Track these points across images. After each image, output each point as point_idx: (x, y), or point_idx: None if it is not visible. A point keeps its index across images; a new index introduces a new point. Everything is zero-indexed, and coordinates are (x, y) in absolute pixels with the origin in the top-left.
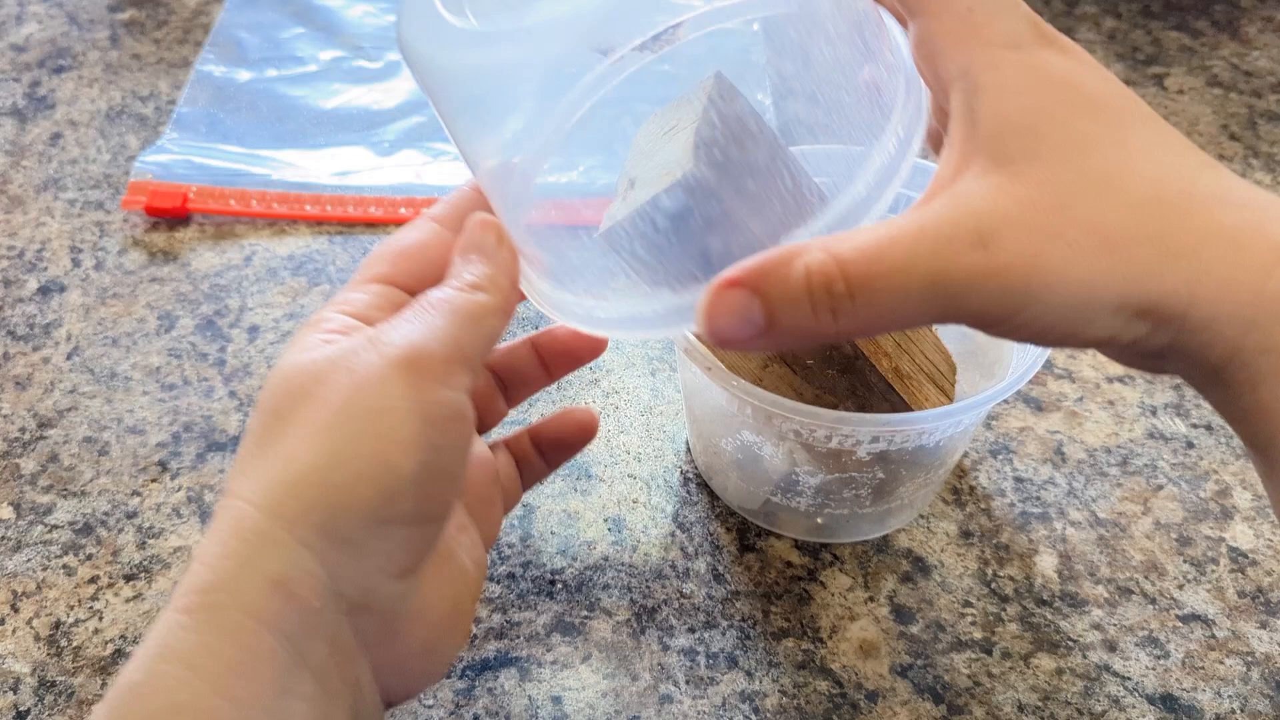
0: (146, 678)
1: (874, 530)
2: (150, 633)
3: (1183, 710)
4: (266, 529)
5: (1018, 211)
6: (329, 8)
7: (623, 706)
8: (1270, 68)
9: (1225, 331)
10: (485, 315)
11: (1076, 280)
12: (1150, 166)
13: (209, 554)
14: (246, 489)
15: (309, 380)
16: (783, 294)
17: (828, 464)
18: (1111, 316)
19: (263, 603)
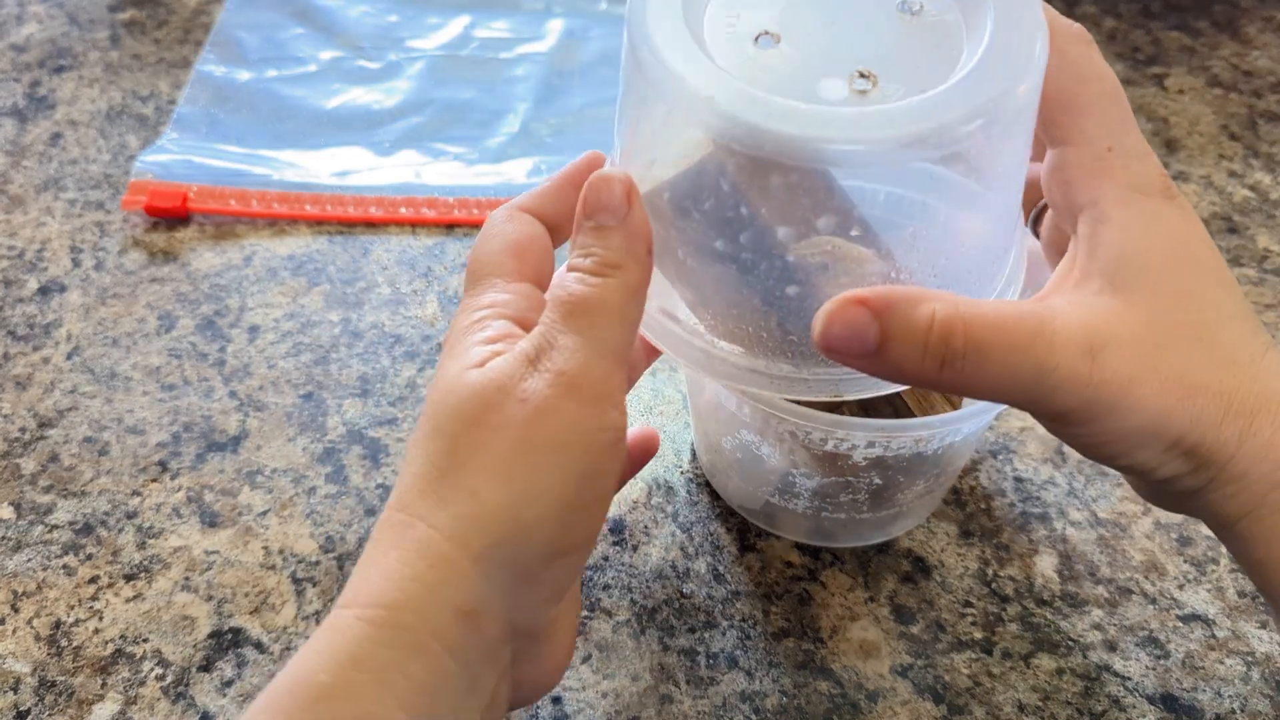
0: (337, 683)
1: (875, 535)
2: (330, 633)
3: (1183, 710)
4: (455, 560)
5: (1126, 337)
6: (329, 8)
7: (623, 707)
8: (1270, 68)
9: (1254, 486)
10: (626, 301)
11: (1155, 411)
12: (1231, 332)
13: (394, 572)
14: (432, 515)
15: (480, 407)
16: (903, 327)
17: (824, 467)
18: (1165, 450)
19: (449, 630)
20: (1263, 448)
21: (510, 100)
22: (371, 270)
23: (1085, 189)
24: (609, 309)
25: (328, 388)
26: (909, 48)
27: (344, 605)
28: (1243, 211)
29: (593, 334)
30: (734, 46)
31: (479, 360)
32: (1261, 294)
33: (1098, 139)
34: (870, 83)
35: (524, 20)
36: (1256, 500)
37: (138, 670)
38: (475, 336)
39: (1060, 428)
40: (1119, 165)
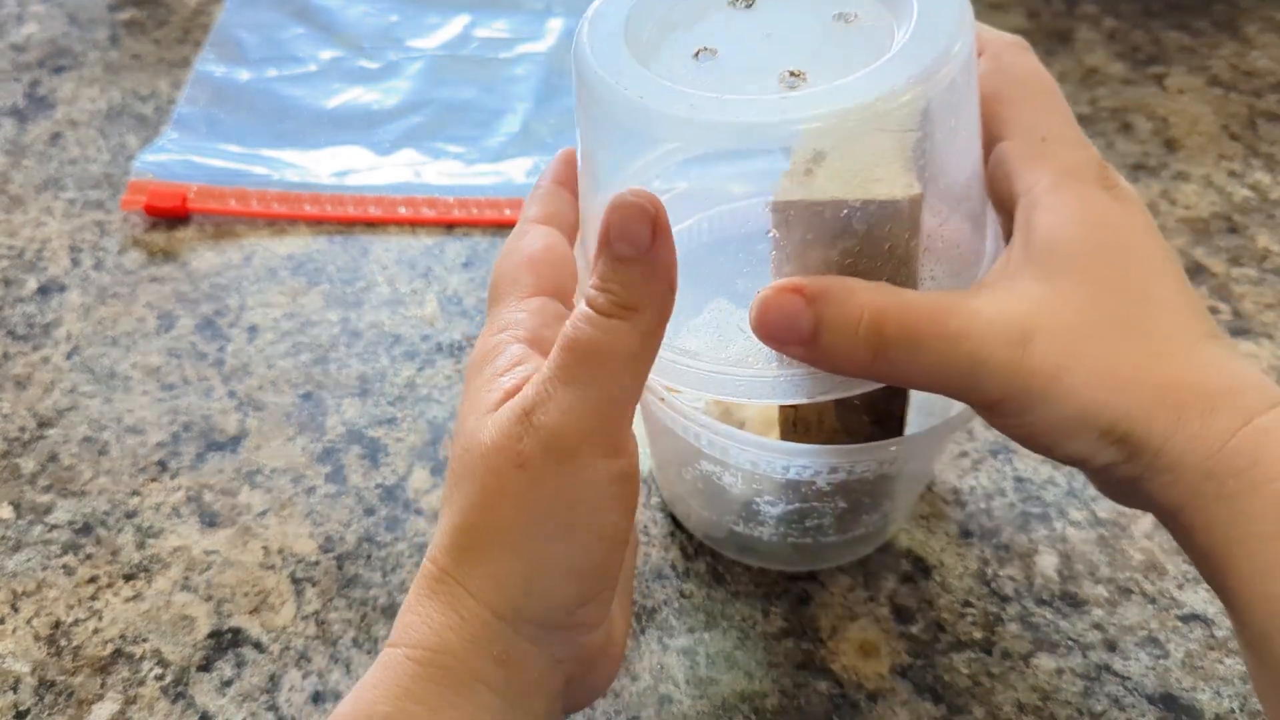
0: (395, 712)
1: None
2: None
3: (1183, 710)
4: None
5: (1054, 326)
6: (329, 8)
7: (623, 706)
8: (1270, 68)
9: (1186, 478)
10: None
11: (1085, 401)
12: (1164, 322)
13: (434, 620)
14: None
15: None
16: (835, 317)
17: (788, 494)
18: (1097, 439)
19: (491, 674)
20: (1192, 440)
21: (510, 100)
22: (371, 270)
23: (1021, 177)
24: (617, 358)
25: (327, 387)
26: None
27: (393, 644)
28: (1243, 211)
29: (595, 387)
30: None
31: (490, 405)
32: (1261, 294)
33: (1033, 130)
34: (800, 79)
35: (524, 20)
36: (1191, 491)
37: (137, 670)
38: (489, 369)
39: (995, 418)
40: (1053, 153)
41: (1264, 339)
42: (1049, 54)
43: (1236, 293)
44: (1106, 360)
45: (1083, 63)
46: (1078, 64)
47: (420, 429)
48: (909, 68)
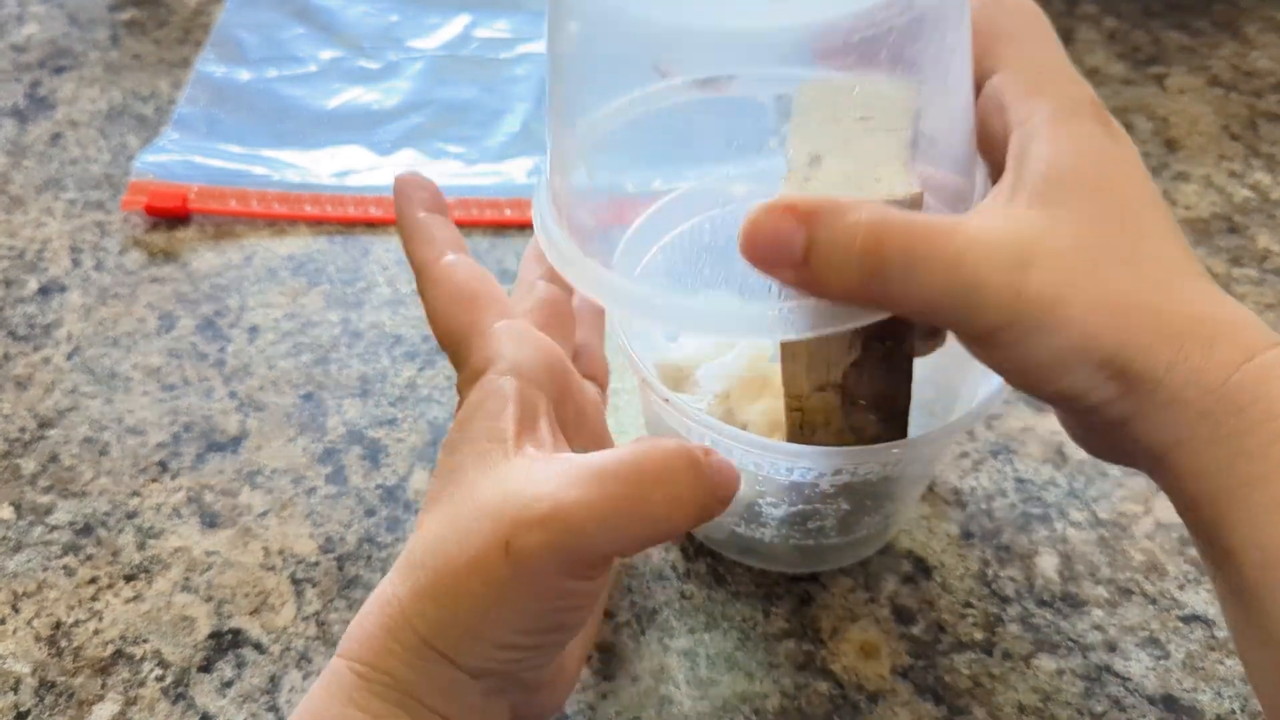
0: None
1: (842, 559)
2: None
3: (1184, 711)
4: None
5: (1054, 253)
6: (329, 8)
7: (623, 707)
8: (1270, 68)
9: (1183, 415)
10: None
11: (1084, 330)
12: (1162, 254)
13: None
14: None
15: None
16: (830, 237)
17: (790, 496)
18: (1094, 372)
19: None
20: (1192, 373)
21: (510, 100)
22: (371, 270)
23: (1017, 109)
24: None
25: (328, 388)
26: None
27: (340, 655)
28: (1243, 211)
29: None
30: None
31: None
32: (1262, 294)
33: (1030, 63)
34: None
35: (524, 20)
36: (1186, 430)
37: (137, 671)
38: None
39: (989, 350)
40: (1050, 87)
41: None
42: None
43: (1237, 293)
44: (1107, 288)
45: (1083, 63)
46: (1078, 64)
47: (421, 430)
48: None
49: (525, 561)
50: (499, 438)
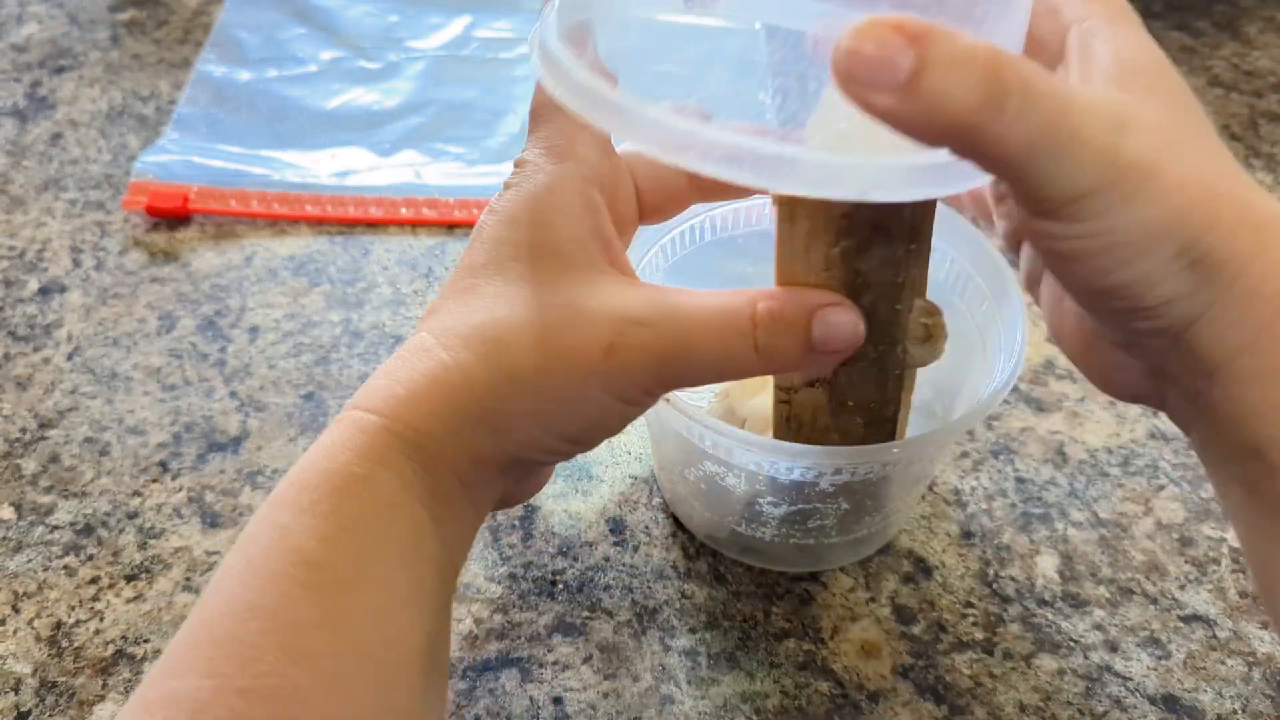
0: (371, 475)
1: (843, 559)
2: (357, 433)
3: (1184, 710)
4: (475, 423)
5: (1149, 123)
6: (329, 8)
7: (624, 707)
8: (1270, 68)
9: (1260, 310)
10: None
11: (1174, 205)
12: (1227, 153)
13: (421, 395)
14: (472, 365)
15: (536, 292)
16: (948, 55)
17: (790, 495)
18: (1172, 259)
19: (463, 468)
20: (1273, 266)
21: (510, 100)
22: (372, 270)
23: (1072, 9)
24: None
25: (328, 388)
26: None
27: (367, 409)
28: None
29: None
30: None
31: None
32: None
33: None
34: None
35: (524, 20)
36: (1259, 328)
37: (138, 671)
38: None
39: (1064, 226)
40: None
41: None
42: None
43: None
44: (1197, 165)
45: None
46: None
47: None
48: None
49: (624, 364)
50: (585, 248)
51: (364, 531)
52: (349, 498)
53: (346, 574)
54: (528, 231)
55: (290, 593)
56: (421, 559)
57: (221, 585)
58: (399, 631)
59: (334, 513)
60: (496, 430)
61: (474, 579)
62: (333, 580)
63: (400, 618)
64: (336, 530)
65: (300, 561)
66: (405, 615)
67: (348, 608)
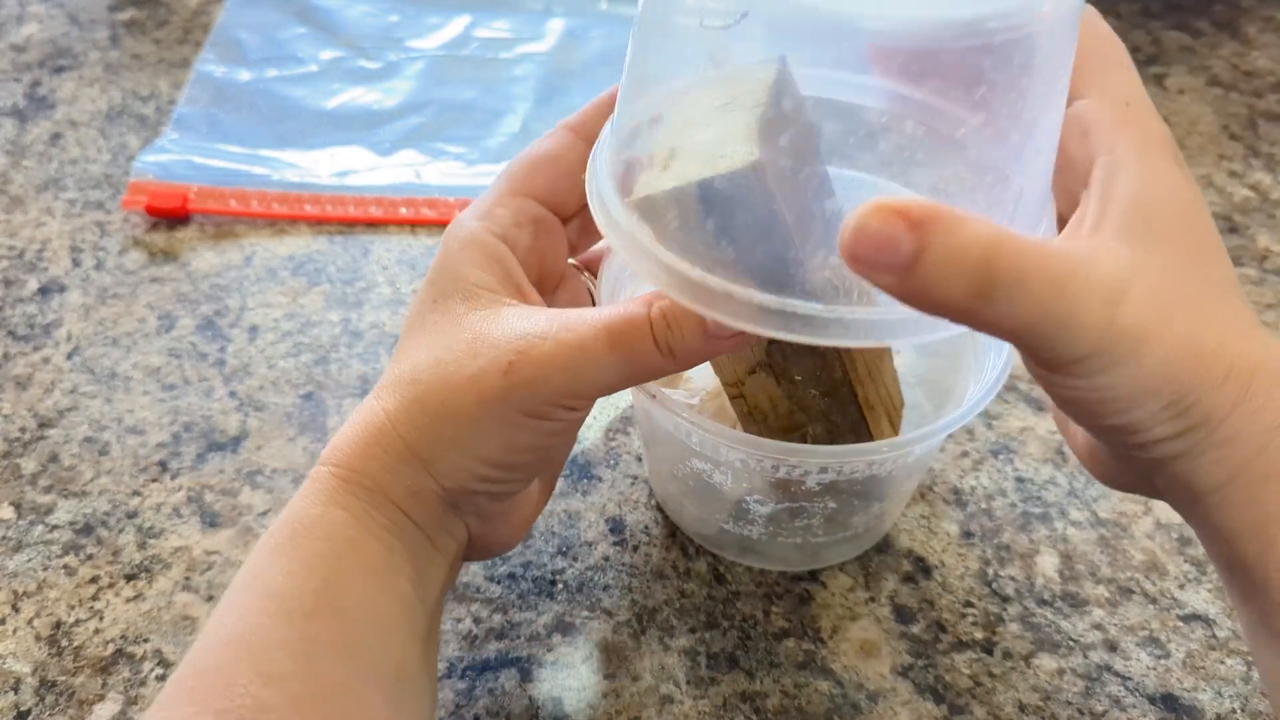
0: (326, 515)
1: (838, 557)
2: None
3: (1184, 710)
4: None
5: (1144, 287)
6: (329, 8)
7: (624, 707)
8: (1270, 68)
9: (1241, 450)
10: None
11: (1164, 366)
12: (1233, 302)
13: (360, 445)
14: (394, 406)
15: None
16: (943, 244)
17: (779, 492)
18: (1161, 409)
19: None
20: (1257, 411)
21: (510, 100)
22: (371, 270)
23: (1103, 138)
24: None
25: (328, 388)
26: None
27: (323, 462)
28: (1243, 211)
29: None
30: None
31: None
32: (1262, 294)
33: (1117, 92)
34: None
35: (524, 20)
36: (1240, 465)
37: (138, 670)
38: (468, 252)
39: (1063, 379)
40: (1136, 120)
41: None
42: None
43: None
44: (1189, 328)
45: None
46: None
47: None
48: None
49: (523, 378)
50: (491, 290)
51: (323, 565)
52: (309, 537)
53: (309, 603)
54: (441, 285)
55: (261, 623)
56: (383, 588)
57: (208, 628)
58: (363, 653)
59: (296, 550)
60: (423, 463)
61: (474, 579)
62: (297, 609)
63: (364, 641)
64: (299, 565)
65: (268, 594)
66: (369, 639)
67: (312, 634)
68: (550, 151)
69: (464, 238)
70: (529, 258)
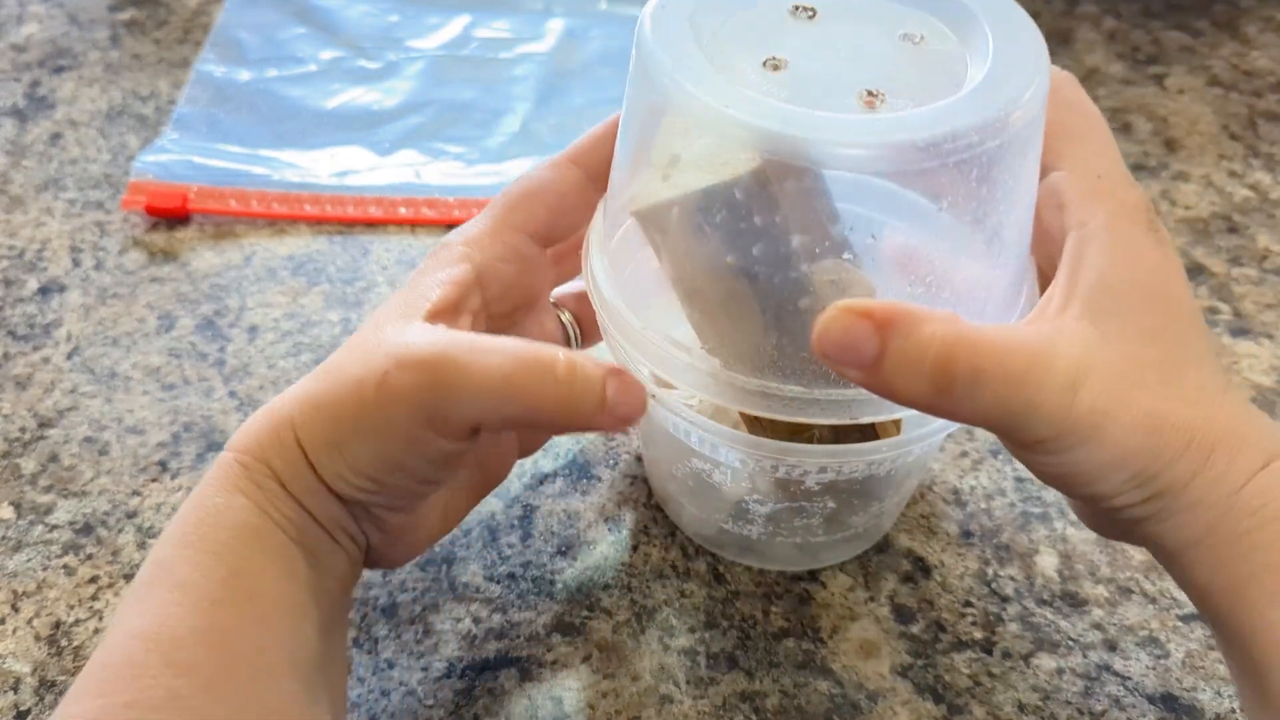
0: (230, 502)
1: (838, 556)
2: (219, 468)
3: (1183, 710)
4: (292, 441)
5: (1103, 371)
6: (329, 8)
7: (623, 706)
8: (1270, 68)
9: (1203, 516)
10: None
11: (1125, 446)
12: (1197, 369)
13: (266, 442)
14: (307, 431)
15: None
16: (902, 347)
17: (778, 492)
18: (1124, 481)
19: (304, 495)
20: (1217, 479)
21: (510, 100)
22: (371, 270)
23: (1076, 211)
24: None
25: None
26: (913, 70)
27: (229, 448)
28: (1243, 211)
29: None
30: (743, 71)
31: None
32: (1261, 294)
33: (1091, 165)
34: (879, 99)
35: (524, 20)
36: (1204, 530)
37: None
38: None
39: (1028, 455)
40: (1108, 191)
41: (1264, 339)
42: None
43: (1236, 293)
44: (1148, 406)
45: (1083, 63)
46: (1078, 64)
47: None
48: (994, 103)
49: (393, 396)
50: (423, 301)
51: (229, 553)
52: (214, 526)
53: (217, 591)
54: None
55: (169, 613)
56: (290, 575)
57: (116, 622)
58: (273, 639)
59: (201, 540)
60: (313, 464)
61: (473, 578)
62: (205, 598)
63: (275, 627)
64: (204, 554)
65: (176, 585)
66: (281, 625)
67: (220, 621)
68: (554, 186)
69: (438, 254)
70: (510, 292)
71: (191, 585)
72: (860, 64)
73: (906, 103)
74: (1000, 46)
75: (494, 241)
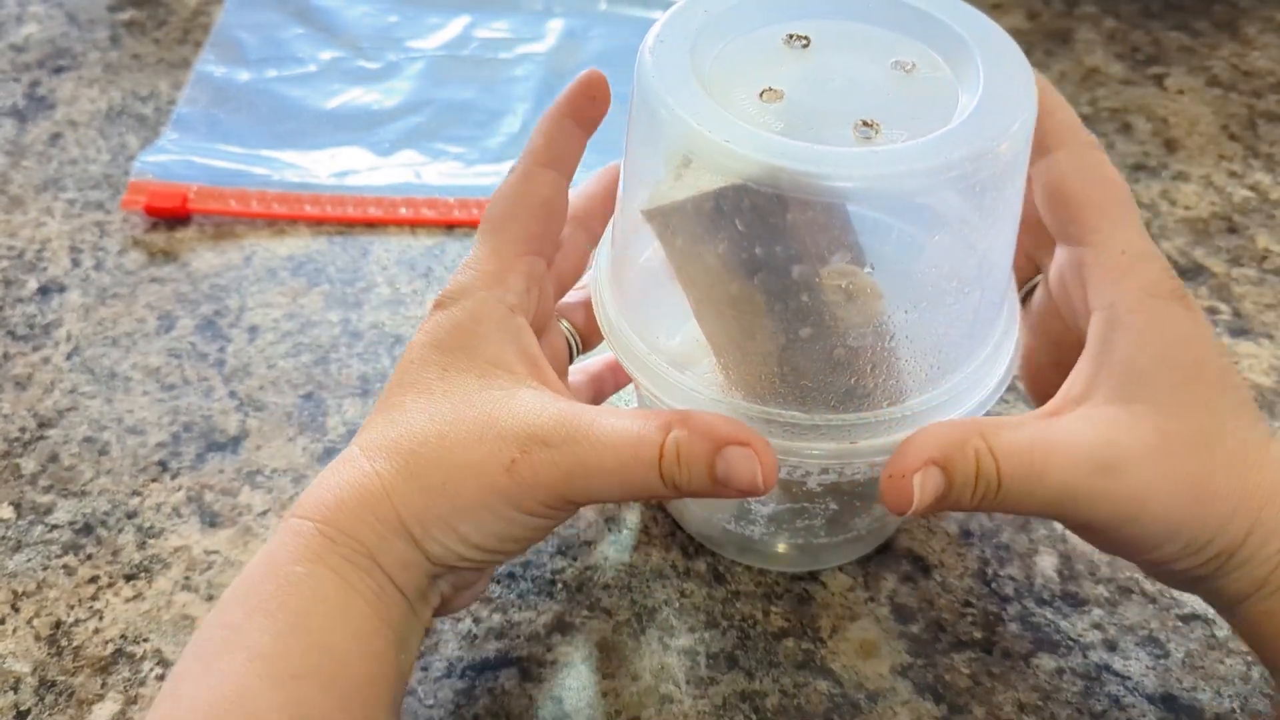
0: (311, 574)
1: (839, 558)
2: (295, 538)
3: (1183, 710)
4: (401, 532)
5: (1138, 451)
6: (329, 8)
7: (623, 706)
8: (1270, 68)
9: (1258, 570)
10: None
11: (1173, 519)
12: (1235, 432)
13: (352, 506)
14: (388, 473)
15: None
16: (960, 472)
17: (778, 494)
18: (1179, 550)
19: (392, 568)
20: (1269, 534)
21: (510, 100)
22: (371, 270)
23: (1101, 291)
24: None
25: (328, 388)
26: (907, 100)
27: (302, 516)
28: (1243, 211)
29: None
30: (743, 103)
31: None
32: (1261, 294)
33: (1114, 242)
34: (874, 130)
35: (524, 20)
36: (1260, 581)
37: (138, 670)
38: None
39: (1086, 534)
40: (1133, 269)
41: (1264, 339)
42: (1049, 54)
43: (1236, 293)
44: (1190, 478)
45: (1083, 63)
46: (1078, 64)
47: None
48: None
49: (523, 481)
50: (508, 367)
51: (313, 626)
52: (295, 595)
53: (300, 666)
54: (453, 355)
55: (249, 685)
56: (371, 654)
57: (180, 689)
58: (351, 718)
59: (282, 609)
60: (415, 538)
61: None
62: (287, 672)
63: (352, 706)
64: (287, 626)
65: (256, 656)
66: (357, 704)
67: (304, 696)
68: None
69: (478, 312)
70: (538, 320)
71: (273, 657)
72: (854, 94)
73: (901, 133)
74: (990, 74)
75: (518, 278)
